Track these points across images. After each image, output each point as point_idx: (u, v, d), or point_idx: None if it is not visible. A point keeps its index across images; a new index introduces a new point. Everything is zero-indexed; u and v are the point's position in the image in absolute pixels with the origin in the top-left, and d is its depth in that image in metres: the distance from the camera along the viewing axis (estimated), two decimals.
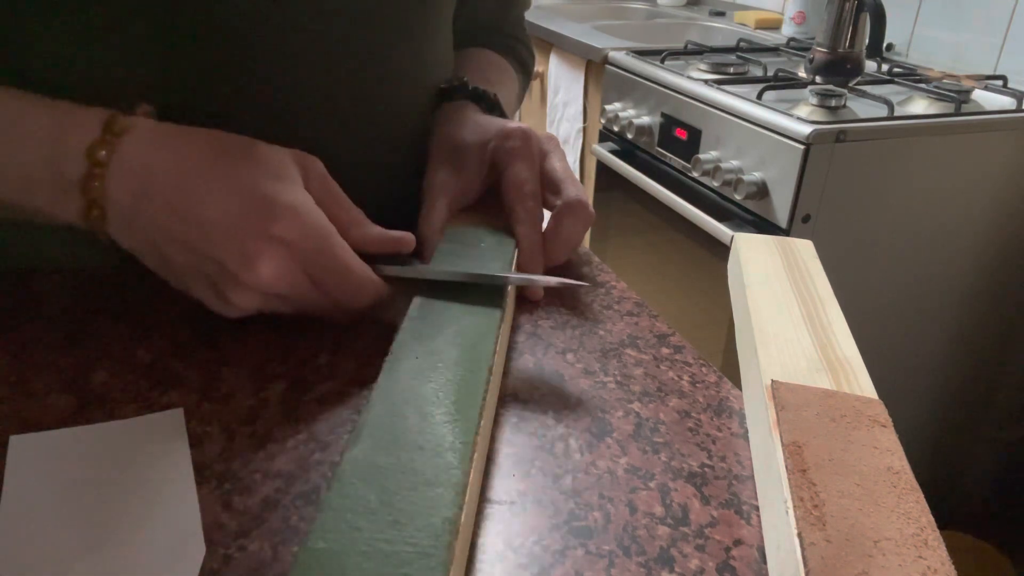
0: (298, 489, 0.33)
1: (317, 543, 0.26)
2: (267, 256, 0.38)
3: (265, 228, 0.38)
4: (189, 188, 0.38)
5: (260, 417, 0.37)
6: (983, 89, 1.25)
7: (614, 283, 0.52)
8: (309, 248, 0.39)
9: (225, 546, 0.30)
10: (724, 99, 1.18)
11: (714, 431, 0.38)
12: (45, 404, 0.38)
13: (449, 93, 0.58)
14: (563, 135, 1.73)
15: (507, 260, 0.45)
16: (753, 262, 0.45)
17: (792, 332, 0.39)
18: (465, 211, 0.52)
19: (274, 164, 0.40)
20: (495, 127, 0.52)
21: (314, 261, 0.39)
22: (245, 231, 0.38)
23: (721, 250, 1.18)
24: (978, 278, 1.26)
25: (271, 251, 0.38)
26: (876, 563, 0.25)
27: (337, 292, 0.41)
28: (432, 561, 0.25)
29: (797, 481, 0.29)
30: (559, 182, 0.50)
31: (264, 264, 0.38)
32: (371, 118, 0.52)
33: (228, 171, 0.39)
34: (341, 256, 0.40)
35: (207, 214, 0.38)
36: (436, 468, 0.29)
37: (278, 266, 0.38)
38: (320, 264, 0.40)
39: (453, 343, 0.37)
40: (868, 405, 0.33)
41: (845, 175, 1.07)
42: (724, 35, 1.88)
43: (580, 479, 0.34)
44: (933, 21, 1.52)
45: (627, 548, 0.31)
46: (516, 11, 0.74)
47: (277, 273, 0.38)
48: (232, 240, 0.38)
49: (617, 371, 0.42)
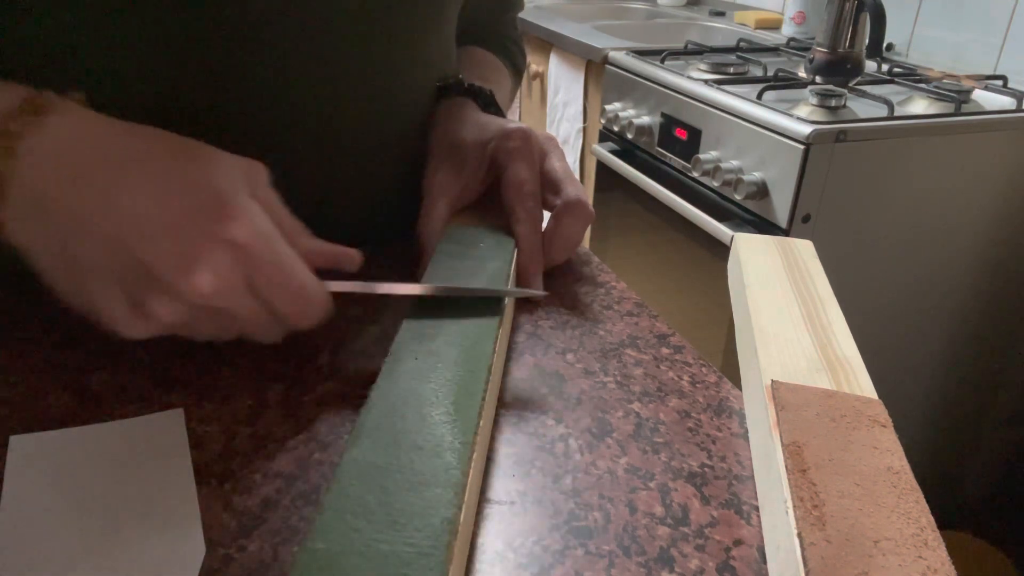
0: (298, 489, 0.33)
1: (316, 544, 0.26)
2: (210, 260, 0.33)
3: (213, 228, 0.33)
4: (124, 178, 0.34)
5: (260, 417, 0.37)
6: (983, 89, 1.25)
7: (614, 283, 0.52)
8: (260, 254, 0.35)
9: (225, 546, 0.30)
10: (724, 99, 1.18)
11: (714, 431, 0.38)
12: (45, 404, 0.38)
13: (445, 91, 0.58)
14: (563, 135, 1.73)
15: (507, 260, 0.45)
16: (753, 262, 0.45)
17: (792, 332, 0.39)
18: (465, 211, 0.52)
19: (223, 165, 0.36)
20: (495, 127, 0.52)
21: (264, 271, 0.35)
22: (188, 230, 0.33)
23: (721, 250, 1.18)
24: (978, 278, 1.26)
25: (216, 255, 0.33)
26: (876, 563, 0.25)
27: (286, 306, 0.37)
28: (431, 561, 0.25)
29: (797, 481, 0.29)
30: (559, 182, 0.50)
31: (204, 270, 0.33)
32: (372, 117, 0.52)
33: (171, 165, 0.35)
34: (294, 266, 0.37)
35: (143, 208, 0.33)
36: (435, 468, 0.29)
37: (221, 273, 0.33)
38: (270, 274, 0.35)
39: (453, 343, 0.37)
40: (868, 405, 0.33)
41: (845, 175, 1.07)
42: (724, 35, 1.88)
43: (580, 479, 0.34)
44: (933, 21, 1.52)
45: (627, 548, 0.31)
46: (511, 12, 0.75)
47: (218, 281, 0.33)
48: (171, 239, 0.33)
49: (617, 371, 0.42)
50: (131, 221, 0.33)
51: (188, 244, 0.33)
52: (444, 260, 0.45)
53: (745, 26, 1.88)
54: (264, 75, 0.46)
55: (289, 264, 0.36)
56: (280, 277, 0.36)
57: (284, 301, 0.36)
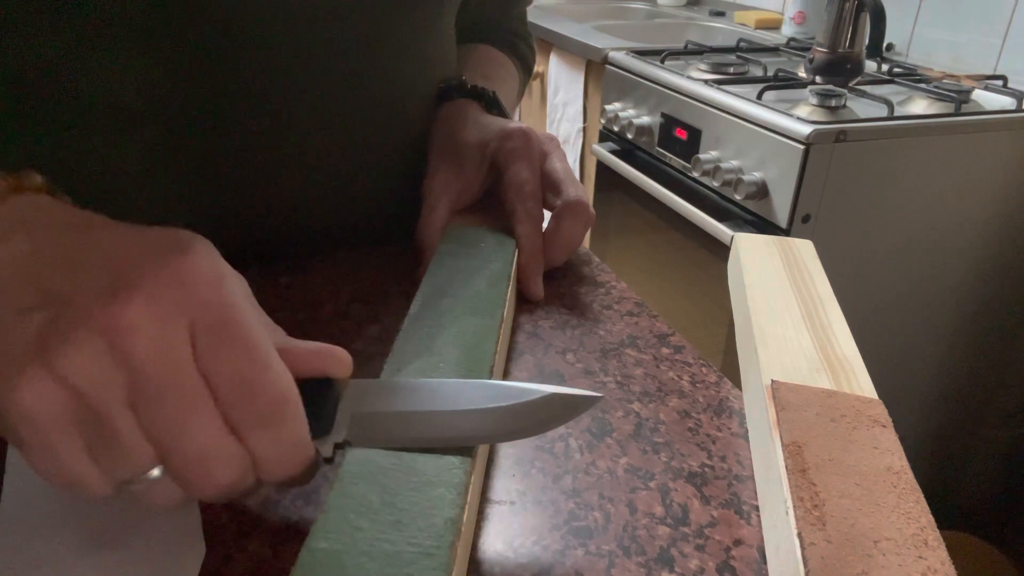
0: (298, 489, 0.33)
1: (319, 543, 0.26)
2: (153, 292, 0.24)
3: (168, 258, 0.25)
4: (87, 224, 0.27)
5: None
6: (983, 89, 1.25)
7: (614, 283, 0.52)
8: (216, 307, 0.25)
9: (225, 546, 0.30)
10: (724, 99, 1.18)
11: (714, 431, 0.38)
12: None
13: (447, 92, 0.58)
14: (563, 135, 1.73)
15: (507, 260, 0.46)
16: (753, 262, 0.45)
17: (792, 332, 0.39)
18: (465, 211, 0.52)
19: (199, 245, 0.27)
20: (495, 127, 0.52)
21: (216, 330, 0.25)
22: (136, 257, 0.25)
23: (721, 250, 1.18)
24: (978, 278, 1.26)
25: (164, 288, 0.24)
26: (876, 563, 0.25)
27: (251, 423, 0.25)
28: (434, 561, 0.25)
29: (797, 481, 0.29)
30: (559, 182, 0.50)
31: (140, 299, 0.24)
32: (371, 118, 0.52)
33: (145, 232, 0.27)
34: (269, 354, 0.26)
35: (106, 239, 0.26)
36: (438, 468, 0.29)
37: (164, 311, 0.24)
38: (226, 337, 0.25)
39: (453, 343, 0.37)
40: (868, 405, 0.33)
41: (845, 175, 1.07)
42: (724, 35, 1.88)
43: (580, 479, 0.34)
44: (933, 21, 1.52)
45: (627, 548, 0.31)
46: (518, 8, 0.74)
47: (158, 320, 0.24)
48: (113, 263, 0.25)
49: (617, 371, 0.42)
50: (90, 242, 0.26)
51: (132, 270, 0.25)
52: (444, 260, 0.45)
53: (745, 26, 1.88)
54: (261, 78, 0.46)
55: (263, 347, 0.25)
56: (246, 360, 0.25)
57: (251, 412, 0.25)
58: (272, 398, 0.25)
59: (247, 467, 0.26)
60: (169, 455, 0.25)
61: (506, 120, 0.54)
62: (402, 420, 0.29)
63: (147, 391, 0.24)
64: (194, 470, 0.25)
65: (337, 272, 0.51)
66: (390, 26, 0.50)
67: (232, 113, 0.46)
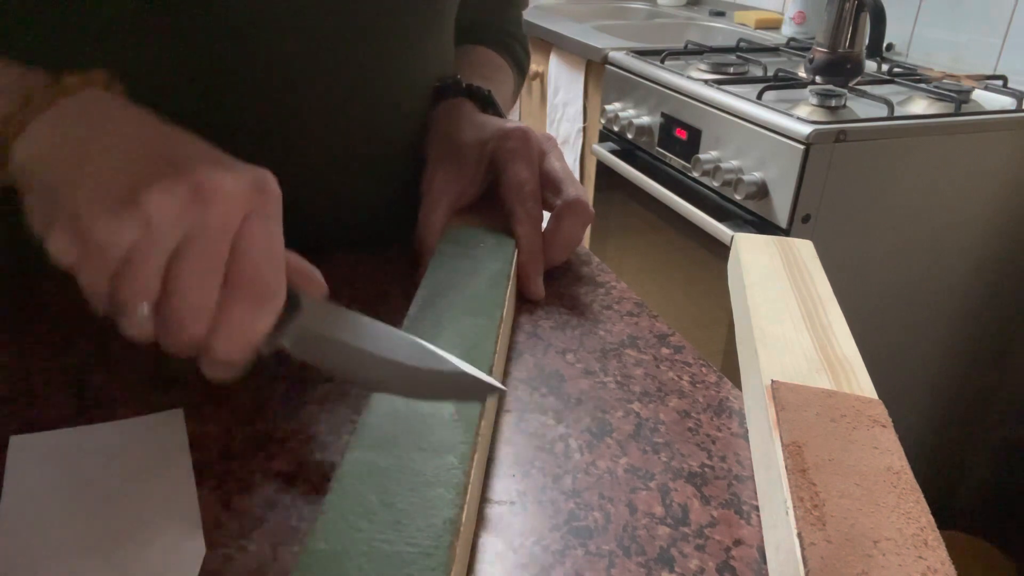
0: (298, 489, 0.33)
1: (318, 544, 0.26)
2: (239, 177, 0.31)
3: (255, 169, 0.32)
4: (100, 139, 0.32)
5: (260, 417, 0.37)
6: (983, 89, 1.25)
7: (614, 283, 0.52)
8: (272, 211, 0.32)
9: (225, 546, 0.30)
10: (724, 99, 1.18)
11: (714, 431, 0.38)
12: (45, 404, 0.38)
13: (443, 91, 0.58)
14: (563, 135, 1.73)
15: (507, 260, 0.46)
16: (753, 262, 0.45)
17: (792, 332, 0.39)
18: (465, 211, 0.52)
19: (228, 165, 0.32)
20: (494, 127, 0.52)
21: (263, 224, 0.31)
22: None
23: (721, 250, 1.18)
24: (978, 278, 1.26)
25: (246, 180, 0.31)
26: (876, 563, 0.25)
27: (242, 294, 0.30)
28: (433, 561, 0.25)
29: (797, 481, 0.29)
30: (558, 182, 0.50)
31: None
32: (372, 117, 0.52)
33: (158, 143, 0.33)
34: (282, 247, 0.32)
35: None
36: (436, 468, 0.29)
37: (242, 192, 0.30)
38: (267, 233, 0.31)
39: (453, 343, 0.37)
40: (868, 405, 0.33)
41: (845, 175, 1.07)
42: (724, 35, 1.88)
43: (580, 479, 0.34)
44: (933, 21, 1.52)
45: (627, 548, 0.31)
46: (514, 10, 0.74)
47: (235, 197, 0.30)
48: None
49: (617, 371, 0.42)
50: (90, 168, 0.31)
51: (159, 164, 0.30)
52: (444, 261, 0.45)
53: (745, 26, 1.88)
54: (260, 78, 0.46)
55: (282, 251, 0.32)
56: (268, 252, 0.31)
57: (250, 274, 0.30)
58: (268, 286, 0.31)
59: (210, 330, 0.30)
60: (168, 297, 0.30)
61: (503, 119, 0.54)
62: (336, 348, 0.33)
63: (192, 242, 0.29)
64: (175, 314, 0.30)
65: (336, 273, 0.51)
66: (393, 25, 0.50)
67: (232, 113, 0.46)
